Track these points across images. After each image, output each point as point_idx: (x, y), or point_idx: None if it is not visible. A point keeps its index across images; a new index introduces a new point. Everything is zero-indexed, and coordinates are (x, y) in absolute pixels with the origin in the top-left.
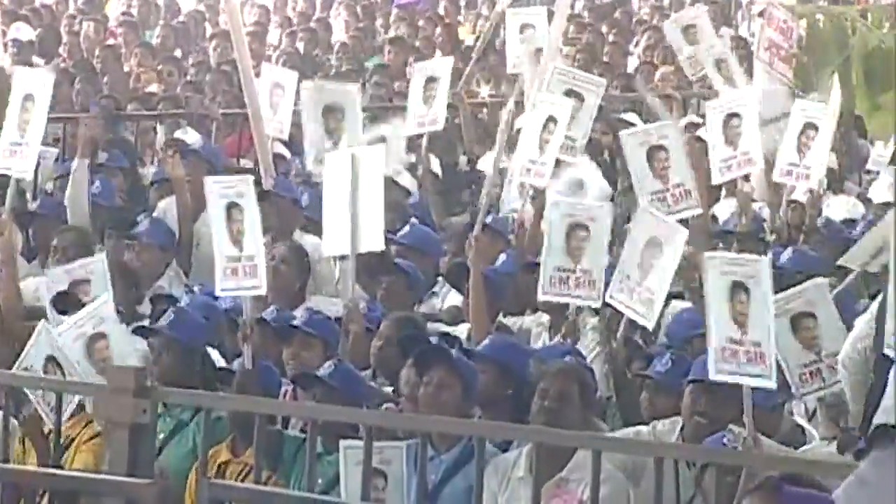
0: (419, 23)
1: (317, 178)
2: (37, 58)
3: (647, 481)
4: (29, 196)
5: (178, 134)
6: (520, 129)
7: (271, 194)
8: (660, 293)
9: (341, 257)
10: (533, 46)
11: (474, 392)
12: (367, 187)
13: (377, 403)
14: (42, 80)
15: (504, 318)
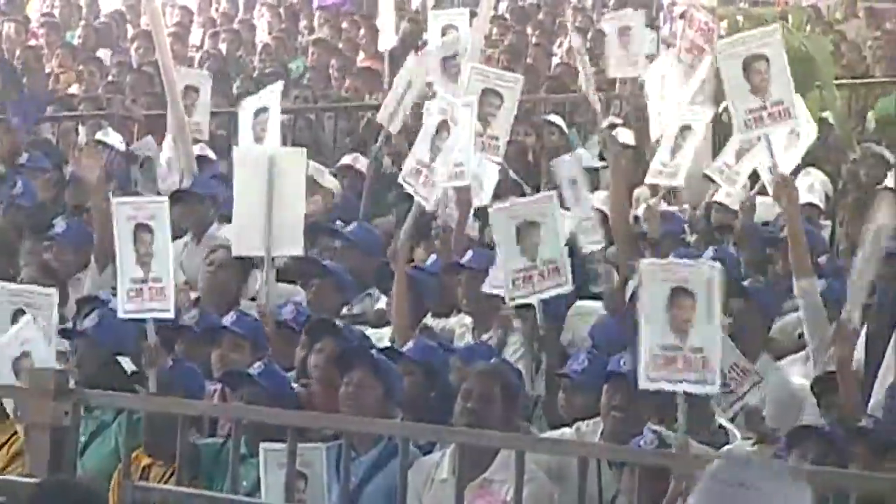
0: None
1: None
2: None
3: (571, 482)
4: None
5: (100, 135)
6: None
7: (189, 194)
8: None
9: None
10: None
11: (396, 393)
12: (286, 189)
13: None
14: None
15: (431, 320)
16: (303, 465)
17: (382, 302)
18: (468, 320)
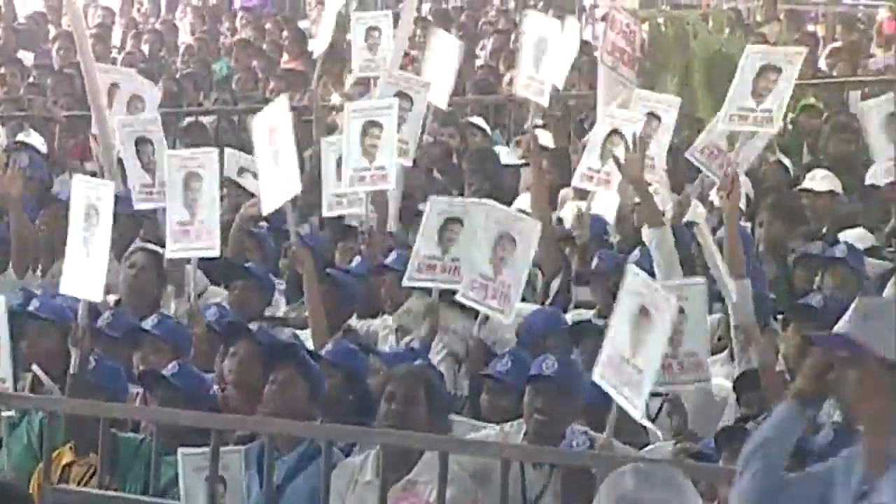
0: (266, 25)
1: None
2: None
3: (495, 483)
4: None
5: (21, 136)
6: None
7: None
8: (516, 287)
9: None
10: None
11: (321, 393)
12: (204, 191)
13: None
14: None
15: (356, 321)
16: (222, 469)
17: None
18: (391, 321)
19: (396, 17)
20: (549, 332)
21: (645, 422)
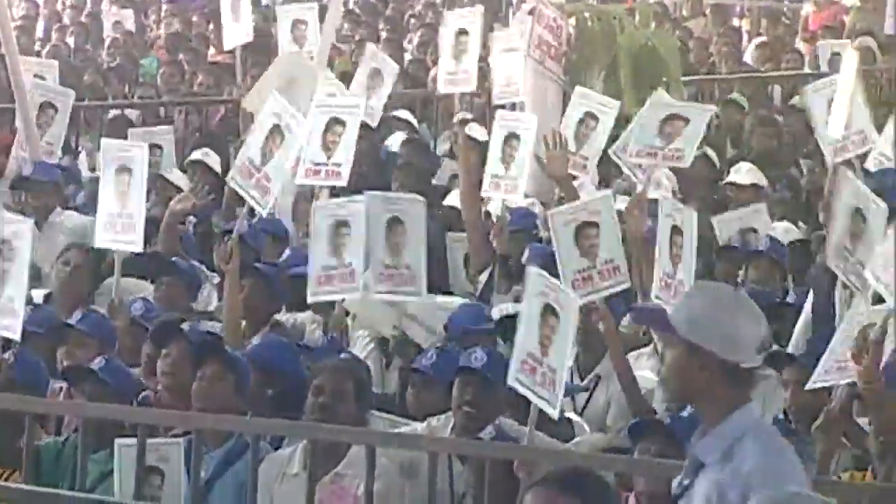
0: (192, 19)
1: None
2: None
3: (423, 477)
4: None
5: None
6: None
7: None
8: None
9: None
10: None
11: (248, 387)
12: (132, 184)
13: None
14: None
15: (283, 314)
16: (160, 461)
17: None
18: (318, 315)
19: (323, 9)
20: (474, 327)
21: (571, 414)
